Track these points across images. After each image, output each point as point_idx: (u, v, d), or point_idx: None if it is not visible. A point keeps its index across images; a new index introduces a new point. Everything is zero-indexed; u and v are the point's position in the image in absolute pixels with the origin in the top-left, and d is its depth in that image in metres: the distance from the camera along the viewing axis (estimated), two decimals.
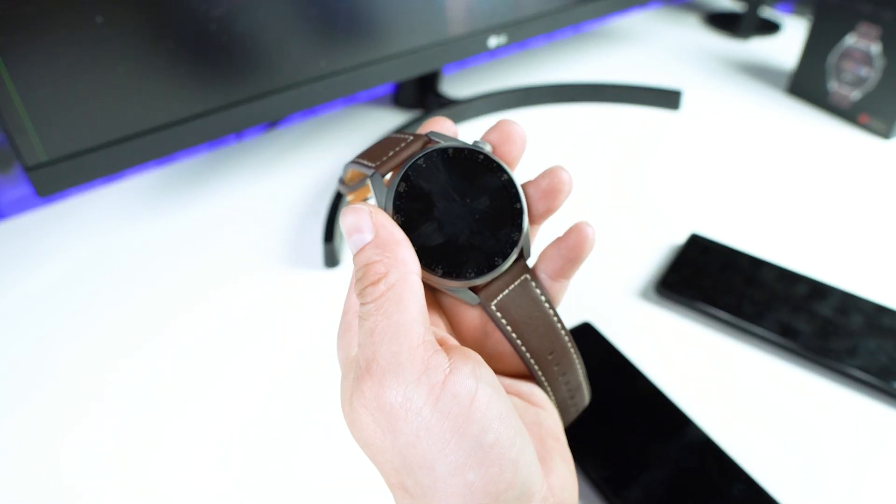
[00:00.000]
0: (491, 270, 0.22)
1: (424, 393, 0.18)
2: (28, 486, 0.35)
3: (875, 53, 0.66)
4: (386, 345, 0.19)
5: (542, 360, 0.23)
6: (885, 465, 0.37)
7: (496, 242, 0.22)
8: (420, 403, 0.18)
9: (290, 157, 0.64)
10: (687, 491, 0.34)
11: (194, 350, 0.43)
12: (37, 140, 0.41)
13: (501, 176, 0.22)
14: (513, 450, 0.19)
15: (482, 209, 0.22)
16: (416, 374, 0.18)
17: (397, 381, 0.18)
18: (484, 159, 0.22)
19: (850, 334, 0.43)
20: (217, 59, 0.47)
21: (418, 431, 0.18)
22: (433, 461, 0.18)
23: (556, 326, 0.23)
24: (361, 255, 0.20)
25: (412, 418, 0.18)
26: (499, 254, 0.22)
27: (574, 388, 0.24)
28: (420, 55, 0.60)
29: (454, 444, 0.18)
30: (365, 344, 0.19)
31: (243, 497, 0.35)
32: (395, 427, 0.18)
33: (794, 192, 0.60)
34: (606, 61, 0.86)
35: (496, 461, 0.18)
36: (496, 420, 0.18)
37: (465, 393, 0.18)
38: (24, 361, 0.42)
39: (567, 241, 0.23)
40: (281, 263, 0.51)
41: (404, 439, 0.18)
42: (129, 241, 0.53)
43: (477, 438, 0.18)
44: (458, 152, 0.22)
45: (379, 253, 0.20)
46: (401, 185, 0.21)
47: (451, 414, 0.18)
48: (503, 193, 0.22)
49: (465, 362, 0.19)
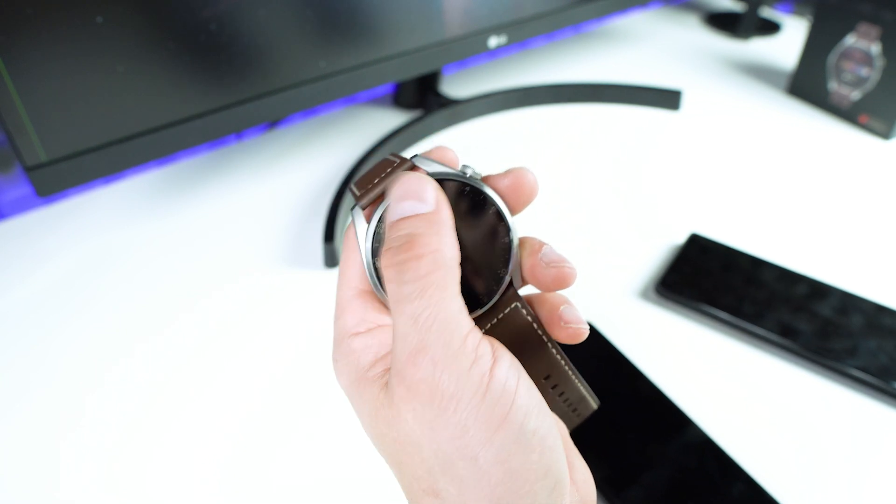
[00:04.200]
0: (477, 309, 0.21)
1: (476, 382, 0.18)
2: (28, 485, 0.35)
3: (875, 53, 0.66)
4: (435, 333, 0.18)
5: (539, 385, 0.22)
6: (884, 465, 0.37)
7: (482, 281, 0.21)
8: (471, 392, 0.18)
9: (290, 157, 0.64)
10: (687, 491, 0.34)
11: (194, 350, 0.43)
12: (37, 140, 0.41)
13: (490, 209, 0.21)
14: (550, 437, 0.19)
15: (469, 245, 0.21)
16: (468, 363, 0.18)
17: (449, 370, 0.18)
18: (471, 191, 0.21)
19: (850, 334, 0.43)
20: (217, 59, 0.47)
21: (466, 421, 0.18)
22: (477, 451, 0.18)
23: (549, 351, 0.22)
24: (409, 223, 0.19)
25: (462, 407, 0.18)
26: (485, 293, 0.21)
27: (575, 401, 0.24)
28: (420, 55, 0.60)
29: (501, 432, 0.18)
30: (406, 333, 0.18)
31: (244, 497, 0.35)
32: (440, 421, 0.18)
33: (794, 192, 0.60)
34: (606, 61, 0.86)
35: (537, 447, 0.18)
36: (535, 408, 0.19)
37: (511, 380, 0.18)
38: (24, 361, 0.42)
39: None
40: (281, 263, 0.51)
41: (449, 432, 0.18)
42: (129, 241, 0.53)
43: (521, 425, 0.18)
44: (443, 185, 0.21)
45: (433, 230, 0.19)
46: (380, 225, 0.20)
47: (500, 402, 0.18)
48: (491, 227, 0.21)
49: (503, 351, 0.19)
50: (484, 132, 0.69)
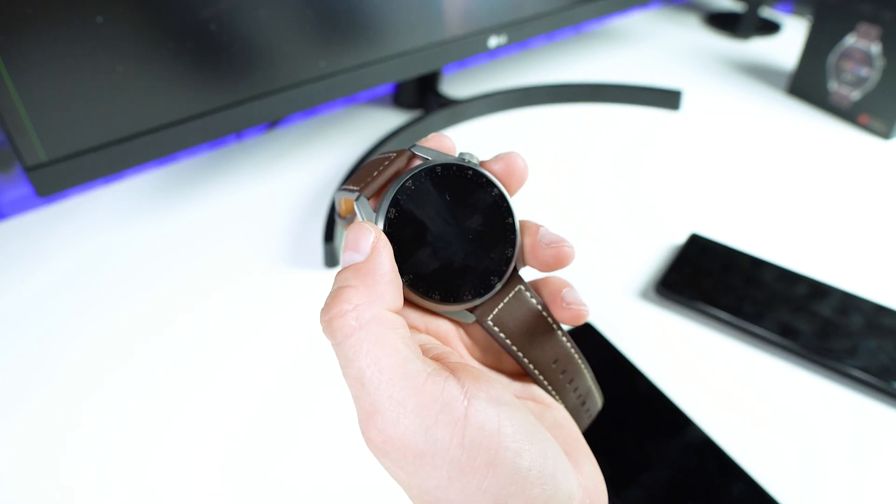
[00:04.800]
0: (488, 291, 0.21)
1: (448, 432, 0.16)
2: (27, 485, 0.35)
3: (875, 53, 0.66)
4: (385, 392, 0.17)
5: (547, 370, 0.22)
6: (884, 465, 0.37)
7: (490, 262, 0.21)
8: (445, 445, 0.16)
9: (290, 157, 0.64)
10: (687, 491, 0.34)
11: (194, 350, 0.43)
12: (37, 140, 0.41)
13: (492, 191, 0.22)
14: (548, 464, 0.18)
15: (475, 228, 0.21)
16: (433, 415, 0.17)
17: (413, 427, 0.16)
18: (473, 174, 0.21)
19: (850, 334, 0.43)
20: (217, 59, 0.47)
21: (449, 473, 0.16)
22: (471, 497, 0.17)
23: (556, 334, 0.22)
24: (339, 276, 0.18)
25: (439, 462, 0.16)
26: (494, 273, 0.21)
27: (584, 393, 0.24)
28: (420, 55, 0.60)
29: (491, 476, 0.17)
30: (359, 395, 0.17)
31: (244, 497, 0.35)
32: (421, 473, 0.17)
33: (794, 192, 0.60)
34: (606, 61, 0.86)
35: (536, 482, 0.17)
36: (526, 441, 0.17)
37: (491, 422, 0.17)
38: (24, 361, 0.42)
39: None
40: (281, 263, 0.51)
41: (434, 482, 0.17)
42: (129, 241, 0.53)
43: (513, 464, 0.17)
44: (447, 169, 0.21)
45: (358, 279, 0.18)
46: (391, 210, 0.20)
47: (482, 447, 0.17)
48: (495, 209, 0.22)
49: (477, 386, 0.18)
50: (484, 132, 0.69)
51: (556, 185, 0.60)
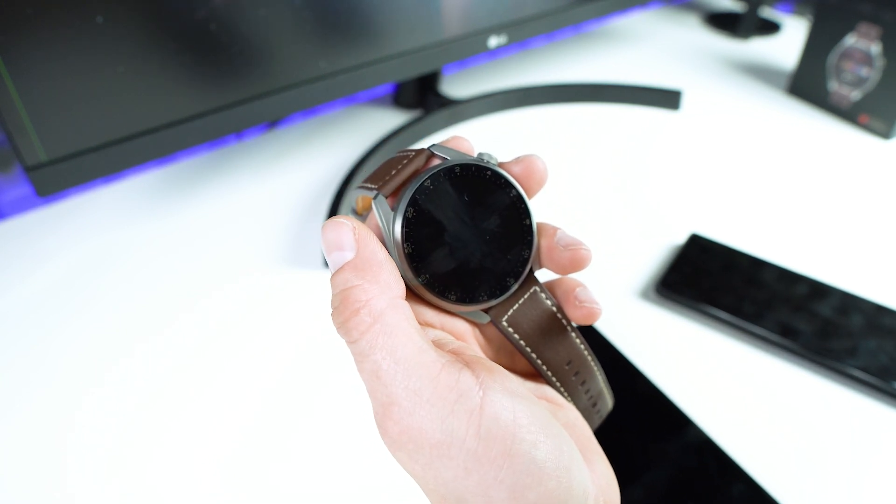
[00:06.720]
0: (504, 293, 0.21)
1: (464, 422, 0.17)
2: (28, 485, 0.35)
3: (875, 53, 0.66)
4: (401, 383, 0.17)
5: (560, 372, 0.22)
6: (884, 465, 0.37)
7: (507, 263, 0.21)
8: (462, 435, 0.16)
9: (290, 157, 0.64)
10: (687, 491, 0.34)
11: (194, 349, 0.43)
12: (37, 140, 0.41)
13: (510, 192, 0.22)
14: (563, 457, 0.18)
15: (492, 229, 0.21)
16: (449, 405, 0.17)
17: (429, 418, 0.17)
18: (492, 175, 0.21)
19: (850, 334, 0.43)
20: (217, 59, 0.47)
21: (465, 464, 0.16)
22: (488, 489, 0.17)
23: (570, 336, 0.22)
24: (339, 278, 0.18)
25: (455, 452, 0.16)
26: (510, 274, 0.21)
27: (596, 395, 0.24)
28: (420, 55, 0.60)
29: (507, 467, 0.17)
30: (375, 388, 0.17)
31: (245, 497, 0.35)
32: (437, 465, 0.17)
33: (794, 192, 0.60)
34: (606, 61, 0.86)
35: (552, 474, 0.17)
36: (541, 433, 0.17)
37: (506, 412, 0.17)
38: (24, 361, 0.42)
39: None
40: (281, 263, 0.51)
41: (451, 474, 0.17)
42: (129, 241, 0.53)
43: (529, 455, 0.17)
44: (466, 169, 0.21)
45: (359, 276, 0.18)
46: (409, 210, 0.20)
47: (498, 438, 0.17)
48: (513, 210, 0.22)
49: (493, 378, 0.18)
50: (484, 132, 0.69)
51: (555, 186, 0.60)
